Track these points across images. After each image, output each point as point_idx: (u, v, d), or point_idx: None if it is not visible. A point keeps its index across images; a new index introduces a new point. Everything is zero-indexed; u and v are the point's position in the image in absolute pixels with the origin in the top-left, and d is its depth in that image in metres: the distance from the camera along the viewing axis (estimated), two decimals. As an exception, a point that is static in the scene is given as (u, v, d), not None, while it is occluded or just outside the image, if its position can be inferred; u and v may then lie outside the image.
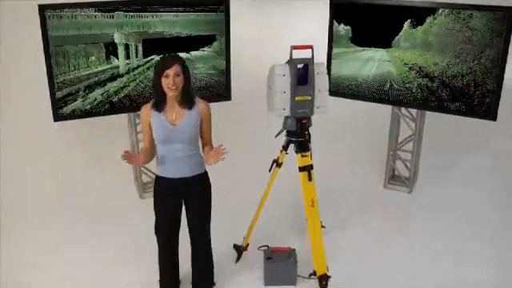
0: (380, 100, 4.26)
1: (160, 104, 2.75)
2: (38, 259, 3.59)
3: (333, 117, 5.56)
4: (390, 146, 4.57)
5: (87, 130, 4.97)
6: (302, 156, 3.15)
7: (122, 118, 4.22)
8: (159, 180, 2.89)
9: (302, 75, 3.01)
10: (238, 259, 3.56)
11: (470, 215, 4.16)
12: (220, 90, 4.26)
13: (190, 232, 3.02)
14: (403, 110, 4.42)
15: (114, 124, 4.49)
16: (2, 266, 3.51)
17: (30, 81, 5.02)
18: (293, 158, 3.18)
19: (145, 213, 3.17)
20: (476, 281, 3.38)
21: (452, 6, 3.77)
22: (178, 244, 3.04)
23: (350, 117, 5.75)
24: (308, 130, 3.15)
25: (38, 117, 4.62)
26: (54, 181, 4.70)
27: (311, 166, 3.16)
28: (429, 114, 4.33)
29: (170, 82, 2.63)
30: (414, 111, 4.37)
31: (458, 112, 4.00)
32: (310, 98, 3.03)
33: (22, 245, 3.77)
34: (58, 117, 3.86)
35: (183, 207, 2.98)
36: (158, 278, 3.15)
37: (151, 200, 2.97)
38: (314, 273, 3.23)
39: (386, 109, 4.47)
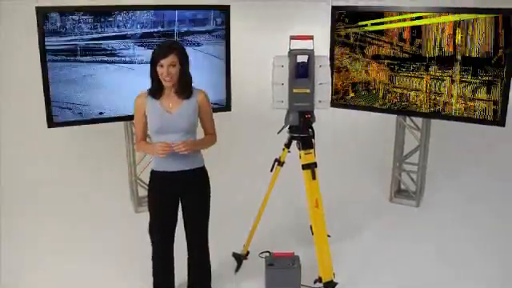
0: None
1: (156, 92, 2.63)
2: (31, 268, 3.44)
3: (337, 127, 5.56)
4: (396, 158, 4.42)
5: (84, 136, 4.95)
6: (306, 153, 3.00)
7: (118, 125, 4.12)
8: (155, 174, 2.72)
9: (302, 67, 2.91)
10: (237, 268, 3.33)
11: (479, 227, 3.95)
12: (220, 100, 4.16)
13: (186, 233, 2.81)
14: (408, 119, 4.31)
15: (111, 131, 4.40)
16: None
17: (28, 83, 4.96)
18: (296, 159, 3.02)
19: (140, 225, 3.04)
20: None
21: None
22: (173, 246, 2.83)
23: (355, 127, 5.65)
24: (312, 126, 3.02)
25: (36, 122, 4.55)
26: (48, 189, 4.66)
27: (315, 164, 3.00)
28: (435, 122, 4.20)
29: (164, 72, 2.51)
30: (419, 121, 4.26)
31: (464, 119, 3.87)
32: (308, 90, 2.92)
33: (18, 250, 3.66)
34: (52, 123, 3.75)
35: (179, 207, 2.79)
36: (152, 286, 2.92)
37: (146, 214, 2.81)
38: (320, 279, 3.00)
39: (392, 119, 4.36)
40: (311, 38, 2.90)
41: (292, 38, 2.90)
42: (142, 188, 4.24)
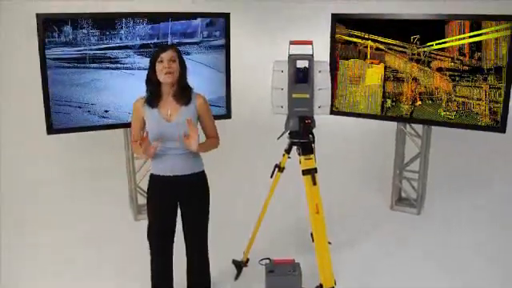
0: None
1: (154, 98, 2.61)
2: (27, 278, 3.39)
3: (337, 134, 5.55)
4: (396, 166, 4.40)
5: (85, 141, 4.96)
6: (306, 159, 2.98)
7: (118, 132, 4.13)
8: (154, 178, 2.70)
9: (302, 72, 2.91)
10: (237, 276, 3.30)
11: (480, 235, 3.92)
12: (220, 108, 4.17)
13: (185, 237, 2.78)
14: (408, 126, 4.30)
15: (111, 138, 4.40)
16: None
17: (28, 84, 4.98)
18: (296, 165, 3.00)
19: (139, 232, 3.04)
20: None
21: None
22: (172, 250, 2.80)
23: (356, 134, 5.64)
24: (312, 132, 3.00)
25: (36, 123, 4.56)
26: (49, 189, 4.70)
27: (315, 170, 2.98)
28: (435, 129, 4.18)
29: (165, 65, 2.51)
30: (419, 128, 4.24)
31: (465, 126, 3.86)
32: (308, 95, 2.91)
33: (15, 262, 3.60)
34: (51, 130, 3.76)
35: (178, 211, 2.77)
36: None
37: (146, 222, 2.79)
38: (320, 286, 2.96)
39: (392, 126, 4.35)
40: (310, 42, 2.90)
41: (292, 42, 2.90)
42: (142, 196, 4.22)
